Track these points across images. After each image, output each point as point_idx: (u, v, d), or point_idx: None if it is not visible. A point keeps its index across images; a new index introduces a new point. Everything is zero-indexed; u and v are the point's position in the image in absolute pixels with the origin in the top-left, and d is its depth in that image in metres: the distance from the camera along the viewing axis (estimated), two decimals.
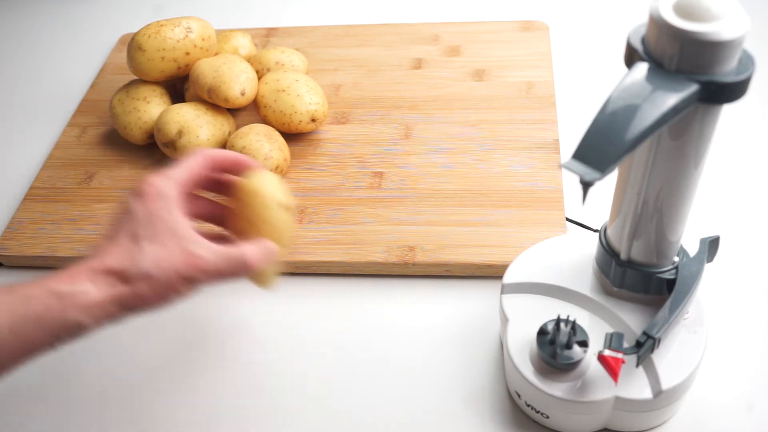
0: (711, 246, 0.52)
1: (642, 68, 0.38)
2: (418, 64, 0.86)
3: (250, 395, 0.58)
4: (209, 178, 0.53)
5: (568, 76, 0.84)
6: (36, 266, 0.70)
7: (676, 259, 0.51)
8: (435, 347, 0.60)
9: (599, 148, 0.36)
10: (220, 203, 0.56)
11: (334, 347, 0.61)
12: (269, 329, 0.62)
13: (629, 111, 0.36)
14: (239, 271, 0.48)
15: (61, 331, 0.44)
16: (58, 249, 0.68)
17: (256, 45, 0.87)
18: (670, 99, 0.36)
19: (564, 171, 0.72)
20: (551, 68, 0.83)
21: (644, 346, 0.47)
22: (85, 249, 0.68)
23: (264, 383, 0.59)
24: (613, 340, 0.47)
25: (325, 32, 0.92)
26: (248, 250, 0.49)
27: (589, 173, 0.35)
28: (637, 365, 0.48)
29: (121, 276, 0.45)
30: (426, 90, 0.82)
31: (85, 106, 0.85)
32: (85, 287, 0.44)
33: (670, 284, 0.50)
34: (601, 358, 0.46)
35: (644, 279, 0.50)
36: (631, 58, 0.40)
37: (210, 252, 0.47)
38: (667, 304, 0.48)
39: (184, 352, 0.62)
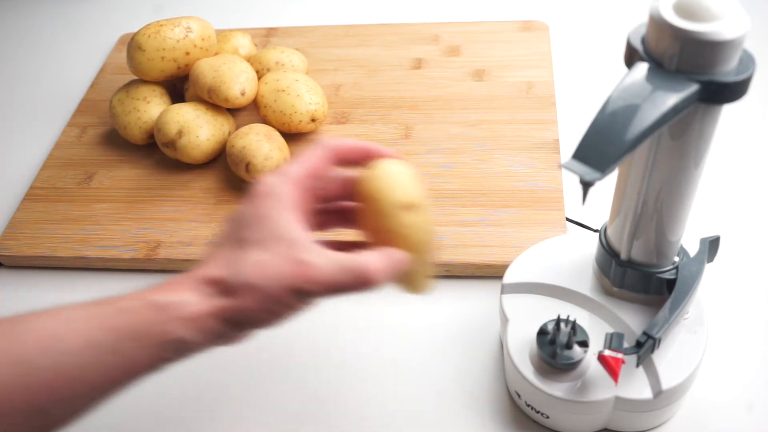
0: (711, 246, 0.52)
1: (642, 68, 0.38)
2: (418, 64, 0.86)
3: (249, 395, 0.58)
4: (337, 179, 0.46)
5: (568, 76, 0.84)
6: (36, 266, 0.70)
7: (677, 259, 0.51)
8: (435, 347, 0.60)
9: (599, 148, 0.36)
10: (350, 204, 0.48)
11: (334, 347, 0.61)
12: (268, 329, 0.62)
13: (629, 111, 0.36)
14: (360, 284, 0.41)
15: (163, 348, 0.39)
16: (58, 249, 0.68)
17: (256, 45, 0.87)
18: (670, 99, 0.36)
19: (564, 171, 0.72)
20: (551, 68, 0.83)
21: (644, 346, 0.47)
22: (84, 248, 0.68)
23: (263, 383, 0.59)
24: (613, 340, 0.47)
25: (325, 32, 0.92)
26: (370, 260, 0.41)
27: (589, 173, 0.35)
28: (638, 365, 0.48)
29: (222, 285, 0.40)
30: (426, 90, 0.82)
31: (85, 106, 0.85)
32: (185, 297, 0.39)
33: (670, 284, 0.50)
34: (601, 358, 0.46)
35: (644, 279, 0.50)
36: (631, 58, 0.40)
37: (324, 260, 0.40)
38: (668, 304, 0.48)
39: None
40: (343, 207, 0.48)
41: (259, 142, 0.69)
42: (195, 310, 0.39)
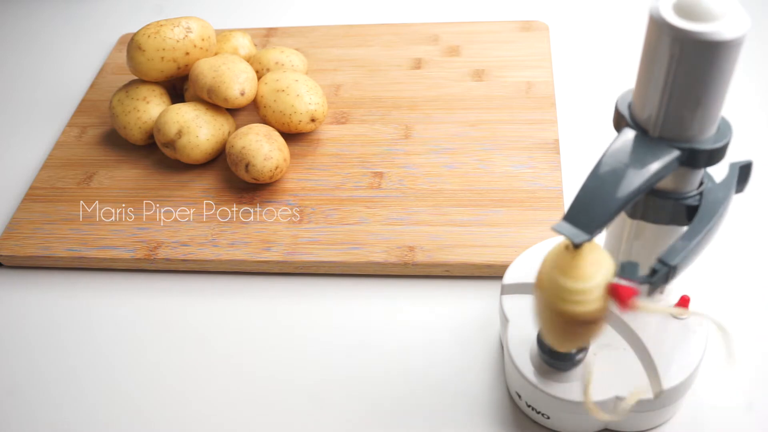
0: (741, 172, 0.46)
1: (628, 135, 0.41)
2: (418, 64, 0.86)
3: (247, 395, 0.58)
4: None
5: (568, 76, 0.84)
6: (36, 266, 0.70)
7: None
8: (435, 347, 0.60)
9: (588, 213, 0.39)
10: None
11: (334, 347, 0.61)
12: (269, 329, 0.63)
13: (615, 178, 0.39)
14: None
15: None
16: (58, 249, 0.68)
17: (255, 45, 0.87)
18: (653, 166, 0.39)
19: (564, 173, 0.72)
20: (551, 68, 0.83)
21: (658, 275, 0.42)
22: (83, 248, 0.68)
23: (262, 383, 0.59)
24: (626, 269, 0.41)
25: (325, 32, 0.92)
26: None
27: (578, 235, 0.38)
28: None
29: None
30: (426, 90, 0.82)
31: (84, 106, 0.85)
32: None
33: (691, 212, 0.44)
34: (611, 288, 0.40)
35: None
36: (619, 123, 0.42)
37: None
38: (689, 229, 0.43)
39: (182, 352, 0.62)
40: None
41: (259, 143, 0.69)
42: None
